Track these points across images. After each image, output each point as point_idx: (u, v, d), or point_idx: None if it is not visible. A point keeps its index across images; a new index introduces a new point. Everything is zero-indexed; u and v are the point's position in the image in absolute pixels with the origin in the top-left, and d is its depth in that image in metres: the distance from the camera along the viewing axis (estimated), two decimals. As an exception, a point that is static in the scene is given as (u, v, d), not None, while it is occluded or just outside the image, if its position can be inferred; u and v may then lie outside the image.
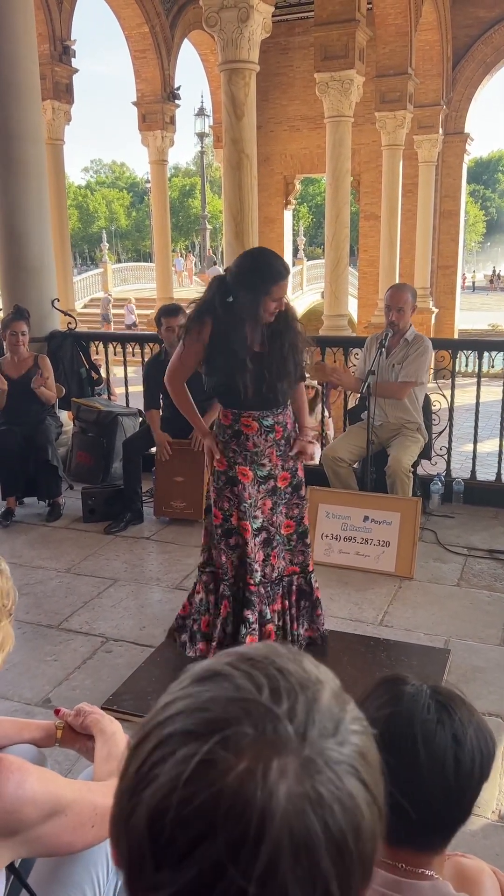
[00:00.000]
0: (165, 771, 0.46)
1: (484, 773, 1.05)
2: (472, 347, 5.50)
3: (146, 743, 0.49)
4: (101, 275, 26.58)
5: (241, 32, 6.47)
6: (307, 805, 0.45)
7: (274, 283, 2.86)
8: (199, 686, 0.50)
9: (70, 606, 3.74)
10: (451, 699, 1.07)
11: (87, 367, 6.04)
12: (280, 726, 0.47)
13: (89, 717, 1.46)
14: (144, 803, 0.47)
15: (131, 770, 0.49)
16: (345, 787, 0.47)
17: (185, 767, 0.46)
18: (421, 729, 1.02)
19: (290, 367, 2.97)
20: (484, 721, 1.09)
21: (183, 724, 0.48)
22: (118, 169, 69.35)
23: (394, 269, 12.84)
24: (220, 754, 0.45)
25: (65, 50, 11.52)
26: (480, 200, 62.55)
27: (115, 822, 0.50)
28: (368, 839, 0.48)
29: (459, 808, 1.05)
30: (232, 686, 0.49)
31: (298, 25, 14.96)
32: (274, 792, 0.44)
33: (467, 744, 1.02)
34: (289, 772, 0.46)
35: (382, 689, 1.10)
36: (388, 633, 3.41)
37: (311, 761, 0.47)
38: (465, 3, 14.66)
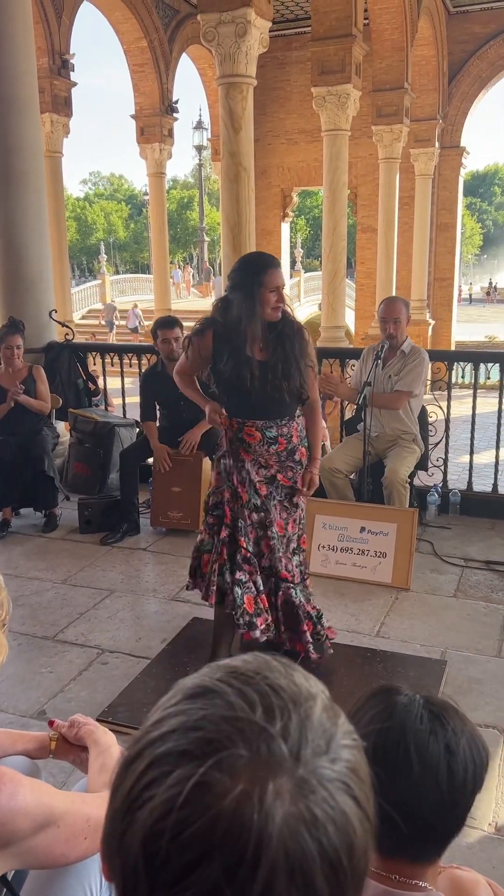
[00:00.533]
0: (160, 792, 0.46)
1: (477, 782, 1.05)
2: (468, 359, 5.52)
3: (139, 761, 0.49)
4: (99, 286, 26.64)
5: (238, 47, 6.52)
6: (302, 826, 0.45)
7: (264, 272, 2.83)
8: (191, 703, 0.50)
9: (66, 618, 3.73)
10: (443, 709, 1.07)
11: (84, 377, 6.05)
12: (274, 746, 0.47)
13: (83, 728, 1.46)
14: (139, 824, 0.46)
15: (124, 788, 0.49)
16: (338, 805, 0.47)
17: (181, 789, 0.45)
18: (414, 739, 1.02)
19: (294, 373, 2.90)
20: (477, 731, 1.09)
21: (176, 743, 0.48)
22: (116, 181, 69.72)
23: (391, 281, 12.90)
24: (216, 776, 0.45)
25: (63, 64, 11.60)
26: (477, 213, 62.95)
27: (108, 841, 0.49)
28: (361, 855, 0.48)
29: (453, 818, 1.04)
30: (224, 704, 0.49)
31: (296, 40, 15.08)
32: (270, 814, 0.44)
33: (460, 754, 1.02)
34: (284, 793, 0.46)
35: (375, 700, 1.10)
36: (385, 644, 3.41)
37: (305, 781, 0.47)
38: (461, 19, 14.81)
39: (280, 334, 2.91)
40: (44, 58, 11.01)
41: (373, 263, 14.53)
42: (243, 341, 2.88)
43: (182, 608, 3.80)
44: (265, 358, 2.91)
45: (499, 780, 2.49)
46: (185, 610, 3.77)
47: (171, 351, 4.74)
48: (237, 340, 2.88)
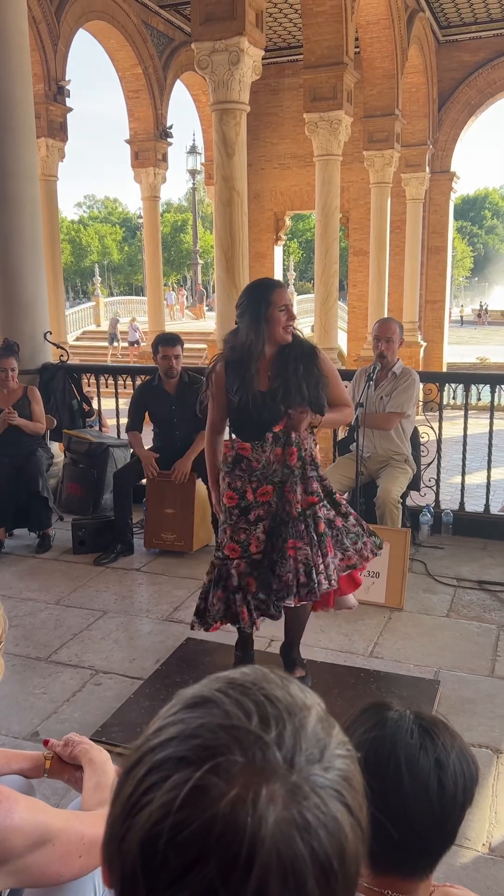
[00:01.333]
0: (158, 796, 0.47)
1: (467, 797, 1.06)
2: (459, 380, 5.58)
3: (139, 767, 0.50)
4: (93, 308, 26.77)
5: (231, 75, 6.63)
6: (294, 830, 0.46)
7: (271, 292, 2.80)
8: (189, 712, 0.52)
9: (59, 639, 3.72)
10: (433, 724, 1.08)
11: (78, 398, 6.07)
12: (269, 753, 0.49)
13: (78, 747, 1.46)
14: (138, 827, 0.48)
15: (124, 794, 0.50)
16: (330, 811, 0.49)
17: (178, 793, 0.47)
18: (404, 753, 1.03)
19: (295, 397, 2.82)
20: (466, 746, 1.10)
21: (175, 750, 0.49)
22: (111, 204, 70.26)
23: (382, 303, 13.00)
24: (212, 781, 0.47)
25: (59, 90, 11.74)
26: (468, 237, 63.68)
27: (108, 845, 0.51)
28: (352, 861, 0.50)
29: (444, 832, 1.05)
30: (222, 713, 0.51)
31: (288, 68, 15.33)
32: (264, 818, 0.46)
33: (450, 768, 1.03)
34: (277, 798, 0.47)
35: (367, 715, 1.11)
36: (379, 664, 3.41)
37: (298, 787, 0.48)
38: (450, 48, 15.08)
39: (286, 358, 2.85)
40: (40, 84, 11.15)
41: (365, 286, 14.66)
42: (251, 369, 2.84)
43: (176, 629, 3.80)
44: (269, 385, 2.86)
45: (493, 800, 2.49)
46: (178, 630, 3.77)
47: (170, 368, 4.77)
48: (246, 369, 2.85)
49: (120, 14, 12.79)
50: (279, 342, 2.85)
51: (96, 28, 12.85)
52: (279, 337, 2.83)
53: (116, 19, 12.79)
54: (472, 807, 2.33)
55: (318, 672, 3.29)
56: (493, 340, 34.13)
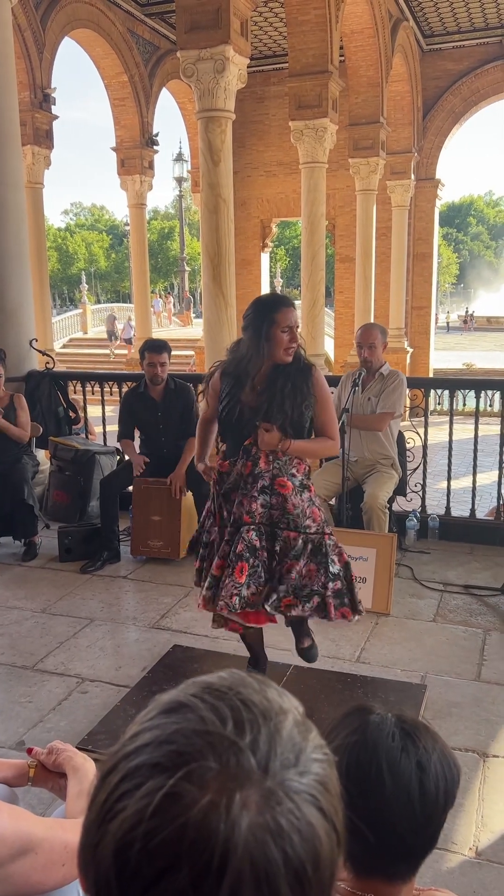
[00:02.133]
0: (132, 803, 0.47)
1: (449, 799, 1.07)
2: (444, 386, 5.61)
3: (114, 774, 0.50)
4: (80, 315, 26.73)
5: (217, 83, 6.66)
6: (268, 836, 0.46)
7: (276, 310, 2.73)
8: (165, 718, 0.52)
9: (45, 647, 3.70)
10: (415, 727, 1.08)
11: (64, 406, 6.06)
12: (243, 759, 0.49)
13: (62, 754, 1.45)
14: (111, 834, 0.47)
15: (99, 800, 0.50)
16: (304, 816, 0.48)
17: (151, 800, 0.47)
18: (385, 757, 1.03)
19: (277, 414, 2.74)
20: (448, 748, 1.10)
21: (150, 756, 0.49)
22: (97, 212, 70.25)
23: (369, 309, 13.07)
24: (186, 788, 0.47)
25: (45, 98, 11.75)
26: (453, 243, 64.17)
27: (83, 851, 0.51)
28: (326, 866, 0.49)
29: (425, 834, 1.06)
30: (197, 718, 0.51)
31: (273, 76, 15.41)
32: (236, 824, 0.46)
33: (431, 770, 1.04)
34: (251, 804, 0.47)
35: (349, 719, 1.11)
36: (366, 669, 3.41)
37: (272, 793, 0.48)
38: (434, 57, 15.22)
39: (278, 374, 2.78)
40: (25, 92, 11.16)
41: (351, 293, 14.72)
42: (243, 383, 2.80)
43: (162, 636, 3.79)
44: (257, 401, 2.79)
45: (479, 804, 2.50)
46: (165, 638, 3.76)
47: (156, 375, 4.77)
48: (239, 383, 2.81)
49: (105, 22, 12.83)
50: (278, 362, 2.78)
51: (82, 36, 12.88)
52: (279, 357, 2.76)
53: (102, 27, 12.83)
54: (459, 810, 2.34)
55: (306, 677, 3.29)
56: (479, 346, 34.34)
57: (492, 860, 2.25)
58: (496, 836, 2.35)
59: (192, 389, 4.99)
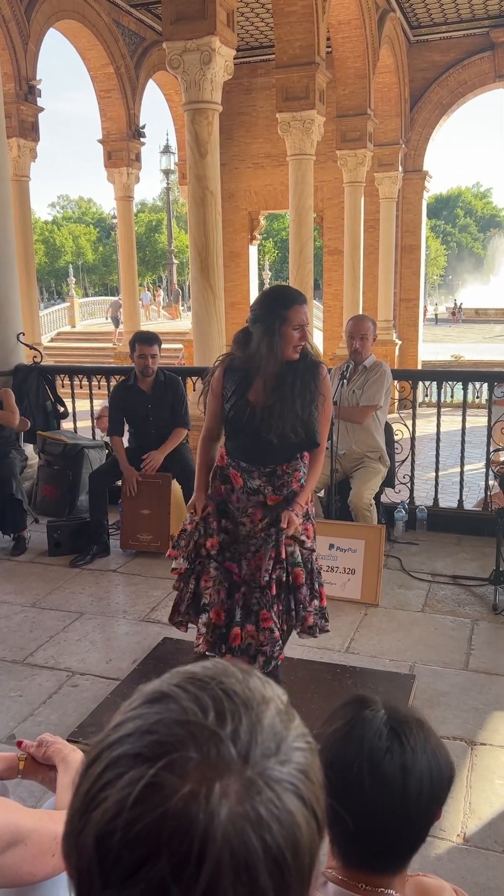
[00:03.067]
0: (113, 793, 0.48)
1: (434, 800, 1.05)
2: (432, 378, 5.63)
3: (96, 765, 0.51)
4: (67, 309, 26.59)
5: (203, 74, 6.63)
6: (247, 824, 0.47)
7: (289, 307, 2.65)
8: (147, 708, 0.52)
9: (35, 641, 3.70)
10: (406, 726, 1.06)
11: (52, 400, 6.04)
12: (223, 748, 0.49)
13: (52, 747, 1.46)
14: (93, 823, 0.48)
15: (82, 790, 0.51)
16: (284, 805, 0.49)
17: (132, 790, 0.47)
18: (368, 757, 1.02)
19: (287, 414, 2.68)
20: (442, 747, 1.09)
21: (132, 746, 0.50)
22: (85, 204, 69.86)
23: (357, 302, 13.07)
24: (166, 777, 0.47)
25: (30, 89, 11.65)
26: (441, 235, 64.23)
27: (67, 840, 0.51)
28: (306, 854, 0.50)
29: (409, 834, 1.05)
30: (179, 708, 0.51)
31: (260, 67, 15.34)
32: (216, 813, 0.46)
33: (416, 773, 1.02)
34: (230, 793, 0.47)
35: (345, 711, 1.10)
36: (355, 660, 3.44)
37: (252, 782, 0.49)
38: (421, 48, 15.20)
39: (286, 372, 2.72)
40: (10, 83, 11.07)
41: (339, 285, 14.72)
42: (251, 380, 2.74)
43: (152, 629, 3.80)
44: (268, 401, 2.72)
45: (467, 791, 2.53)
46: (155, 630, 3.77)
47: (146, 366, 4.76)
48: (247, 378, 2.74)
49: (90, 13, 12.72)
50: (286, 359, 2.72)
51: (67, 27, 12.77)
52: (287, 355, 2.70)
53: (87, 18, 12.72)
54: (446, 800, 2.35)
55: (296, 669, 3.31)
56: (468, 338, 34.43)
57: (479, 846, 2.28)
58: (483, 823, 2.38)
59: (181, 381, 4.98)
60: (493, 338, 34.64)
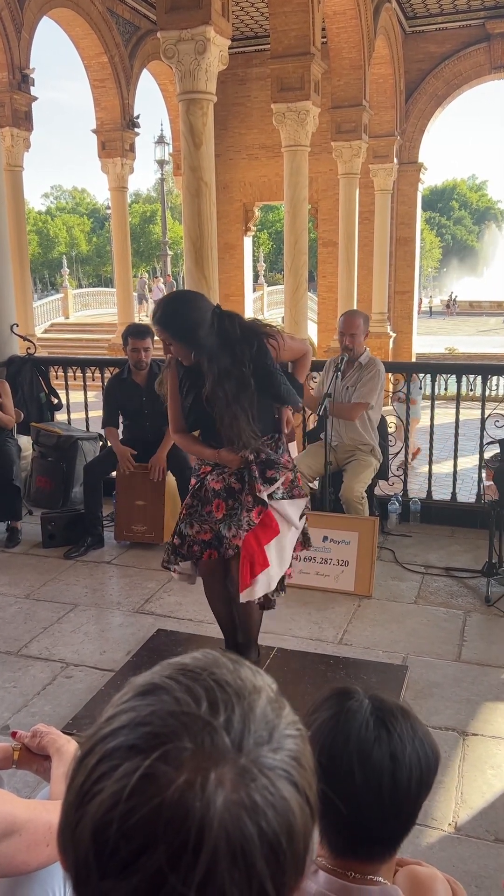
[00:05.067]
0: (109, 785, 0.49)
1: (423, 788, 1.06)
2: (426, 370, 5.64)
3: (90, 757, 0.51)
4: (61, 300, 26.47)
5: (198, 64, 6.59)
6: (243, 812, 0.48)
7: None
8: (140, 700, 0.53)
9: (29, 633, 3.71)
10: (391, 715, 1.07)
11: (46, 391, 6.02)
12: (217, 738, 0.50)
13: (46, 737, 1.47)
14: (89, 816, 0.49)
15: (76, 783, 0.51)
16: (278, 791, 0.50)
17: (128, 782, 0.48)
18: (357, 747, 1.03)
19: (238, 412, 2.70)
20: (428, 735, 1.10)
21: (126, 738, 0.50)
22: (78, 195, 69.47)
23: (352, 294, 13.05)
24: (161, 768, 0.48)
25: (24, 78, 11.57)
26: (436, 227, 64.13)
27: (63, 832, 0.52)
28: (300, 839, 0.51)
29: (397, 822, 1.06)
30: (172, 700, 0.52)
31: (255, 58, 15.27)
32: (211, 802, 0.47)
33: (405, 761, 1.03)
34: (226, 781, 0.48)
35: (328, 703, 1.11)
36: (348, 651, 3.45)
37: (246, 770, 0.49)
38: (417, 39, 15.14)
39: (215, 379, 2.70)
40: (3, 72, 11.00)
41: (334, 277, 14.70)
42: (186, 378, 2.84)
43: (146, 620, 3.81)
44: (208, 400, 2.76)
45: (459, 780, 2.55)
46: (149, 622, 3.78)
47: (139, 360, 4.75)
48: (184, 377, 2.85)
49: (84, 1, 12.62)
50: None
51: (60, 15, 12.67)
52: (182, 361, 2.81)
53: (81, 7, 12.62)
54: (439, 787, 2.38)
55: (289, 660, 3.32)
56: (462, 331, 34.46)
57: (470, 835, 2.30)
58: (474, 812, 2.40)
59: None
60: (488, 330, 34.67)
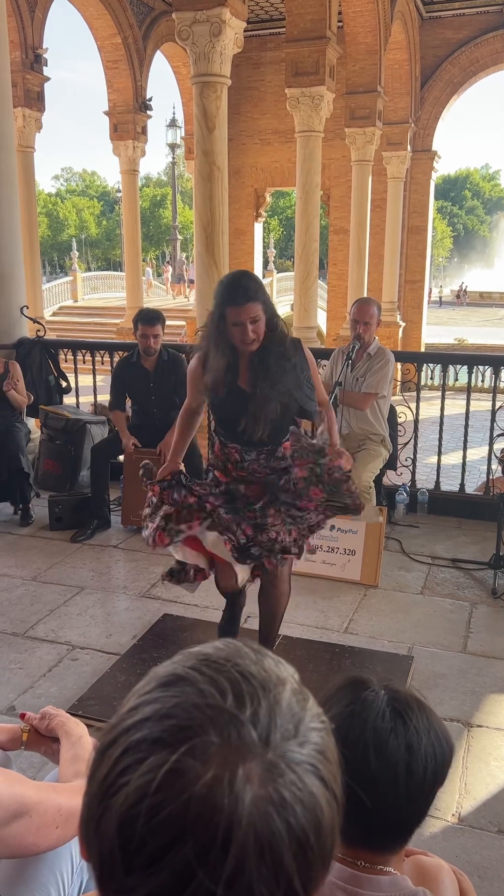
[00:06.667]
0: (135, 779, 0.48)
1: (438, 779, 1.06)
2: (436, 361, 5.61)
3: (114, 748, 0.51)
4: (70, 283, 26.44)
5: (213, 47, 6.53)
6: (271, 808, 0.47)
7: (225, 306, 2.56)
8: (164, 691, 0.52)
9: (36, 615, 3.72)
10: (407, 706, 1.07)
11: (55, 374, 6.02)
12: (244, 732, 0.49)
13: (55, 719, 1.47)
14: (114, 809, 0.48)
15: (100, 774, 0.51)
16: (306, 786, 0.50)
17: (155, 776, 0.47)
18: (373, 738, 1.02)
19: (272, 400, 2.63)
20: (443, 726, 1.09)
21: (150, 730, 0.49)
22: (89, 177, 69.24)
23: (362, 282, 13.00)
24: (189, 763, 0.47)
25: (36, 58, 11.51)
26: (448, 217, 63.70)
27: (85, 826, 0.51)
28: (328, 834, 0.51)
29: (411, 812, 1.06)
30: (196, 692, 0.51)
31: (270, 41, 15.13)
32: (240, 798, 0.46)
33: (421, 752, 1.03)
34: (254, 777, 0.48)
35: (343, 692, 1.10)
36: (353, 640, 3.46)
37: (274, 765, 0.49)
38: (434, 25, 14.98)
39: (261, 362, 2.65)
40: (16, 52, 10.92)
41: (345, 265, 14.63)
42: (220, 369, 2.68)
43: (152, 605, 3.81)
44: (248, 388, 2.68)
45: (463, 771, 2.55)
46: (155, 606, 3.79)
47: (149, 346, 4.73)
48: (215, 367, 2.69)
49: (99, -19, 12.53)
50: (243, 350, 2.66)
51: (75, -5, 12.59)
52: (241, 349, 2.64)
53: (95, -14, 12.53)
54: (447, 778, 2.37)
55: (294, 648, 3.33)
56: (472, 321, 34.32)
57: (473, 826, 2.31)
58: (478, 803, 2.41)
59: (186, 361, 4.95)
60: (498, 321, 34.50)
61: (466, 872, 1.41)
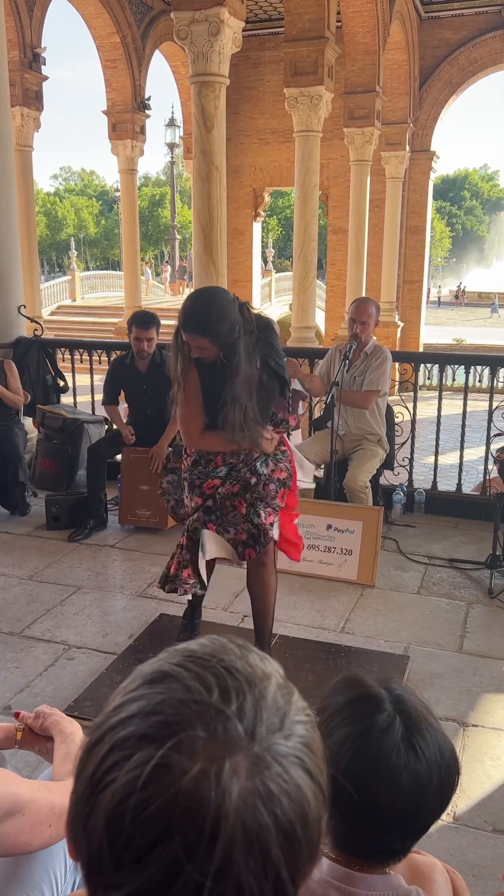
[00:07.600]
0: (122, 775, 0.48)
1: (444, 805, 1.05)
2: (434, 361, 5.61)
3: (100, 746, 0.51)
4: (68, 282, 26.42)
5: (211, 46, 6.53)
6: (258, 800, 0.48)
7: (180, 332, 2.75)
8: (149, 688, 0.52)
9: (32, 614, 3.72)
10: (419, 734, 1.02)
11: (52, 374, 6.02)
12: (230, 726, 0.50)
13: (49, 718, 1.47)
14: (102, 806, 0.48)
15: (87, 772, 0.51)
16: (292, 779, 0.50)
17: (142, 772, 0.47)
18: (385, 777, 0.99)
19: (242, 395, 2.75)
20: (453, 752, 1.05)
21: (137, 727, 0.50)
22: (87, 177, 69.18)
23: (361, 282, 12.99)
24: (175, 758, 0.47)
25: (35, 57, 11.50)
26: (447, 217, 63.70)
27: (73, 823, 0.51)
28: (315, 826, 0.51)
29: (413, 837, 1.06)
30: (182, 687, 0.51)
31: (269, 41, 15.13)
32: (227, 791, 0.47)
33: (432, 785, 1.01)
34: (240, 770, 0.48)
35: (354, 708, 1.05)
36: (350, 639, 3.46)
37: (260, 758, 0.49)
38: (432, 25, 14.97)
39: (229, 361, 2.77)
40: (14, 51, 10.91)
41: (343, 265, 14.63)
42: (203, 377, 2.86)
43: (149, 604, 3.81)
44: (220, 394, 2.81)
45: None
46: (151, 606, 3.79)
47: (142, 349, 4.73)
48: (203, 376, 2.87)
49: (98, -20, 12.52)
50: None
51: (73, -6, 12.58)
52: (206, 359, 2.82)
53: (94, -15, 12.52)
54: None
55: (291, 647, 3.33)
56: (470, 322, 34.33)
57: (468, 825, 2.31)
58: (474, 803, 2.41)
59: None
60: (496, 322, 34.51)
61: (461, 871, 1.40)
